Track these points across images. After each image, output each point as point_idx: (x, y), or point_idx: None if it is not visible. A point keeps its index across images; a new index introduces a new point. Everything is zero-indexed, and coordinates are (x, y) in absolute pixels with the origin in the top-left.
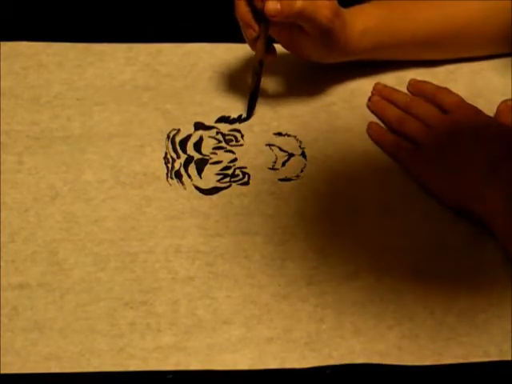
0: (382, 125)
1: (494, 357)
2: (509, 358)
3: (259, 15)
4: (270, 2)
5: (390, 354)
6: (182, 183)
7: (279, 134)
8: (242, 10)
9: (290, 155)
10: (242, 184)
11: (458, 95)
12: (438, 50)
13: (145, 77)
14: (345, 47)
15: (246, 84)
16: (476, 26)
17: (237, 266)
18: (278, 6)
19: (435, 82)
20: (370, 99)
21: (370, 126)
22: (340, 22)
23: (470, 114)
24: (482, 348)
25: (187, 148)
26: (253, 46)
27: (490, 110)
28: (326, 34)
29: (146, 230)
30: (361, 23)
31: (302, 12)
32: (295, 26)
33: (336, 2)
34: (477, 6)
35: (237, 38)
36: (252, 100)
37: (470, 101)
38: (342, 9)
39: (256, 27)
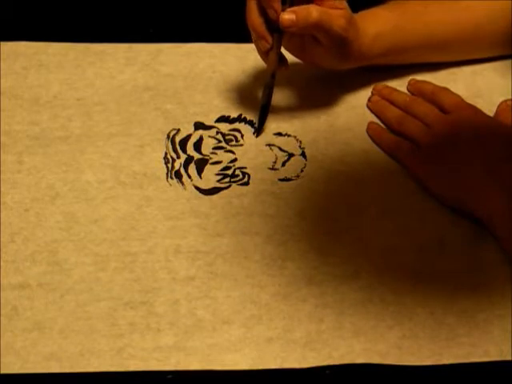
0: (382, 125)
1: (494, 357)
2: (509, 358)
3: (272, 26)
4: (285, 13)
5: (390, 353)
6: (182, 183)
7: (279, 134)
8: (255, 20)
9: (290, 155)
10: (241, 184)
11: (457, 95)
12: (449, 52)
13: (145, 77)
14: (358, 54)
15: (245, 84)
16: (482, 27)
17: (237, 265)
18: (294, 16)
19: (435, 82)
20: (369, 99)
21: (370, 126)
22: (354, 31)
23: (469, 114)
24: (481, 348)
25: (187, 148)
26: (265, 57)
27: (489, 110)
28: (341, 44)
29: (145, 230)
30: (373, 28)
31: (318, 23)
32: (308, 35)
33: (349, 10)
34: (481, 7)
35: (237, 38)
36: (263, 114)
37: (470, 101)
38: (354, 15)
39: (269, 39)
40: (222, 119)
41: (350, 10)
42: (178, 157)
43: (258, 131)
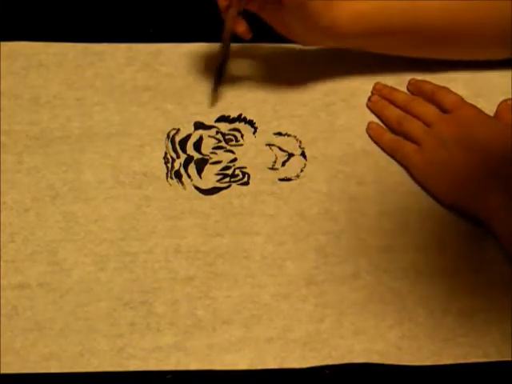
0: (382, 124)
1: (494, 357)
2: (508, 359)
3: None
4: None
5: (389, 353)
6: (182, 183)
7: (279, 133)
8: None
9: (290, 155)
10: (241, 184)
11: (457, 95)
12: (437, 46)
13: (145, 77)
14: (331, 28)
15: (246, 83)
16: (482, 25)
17: (237, 266)
18: None
19: (435, 82)
20: (369, 99)
21: (370, 126)
22: None
23: (469, 114)
24: (481, 348)
25: (187, 148)
26: (225, 14)
27: (490, 109)
28: (303, 8)
29: (145, 230)
30: (351, 5)
31: None
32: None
33: None
34: (486, 4)
35: (236, 37)
36: (219, 73)
37: (470, 100)
38: None
39: None
40: (222, 119)
41: None
42: (178, 157)
43: (215, 90)
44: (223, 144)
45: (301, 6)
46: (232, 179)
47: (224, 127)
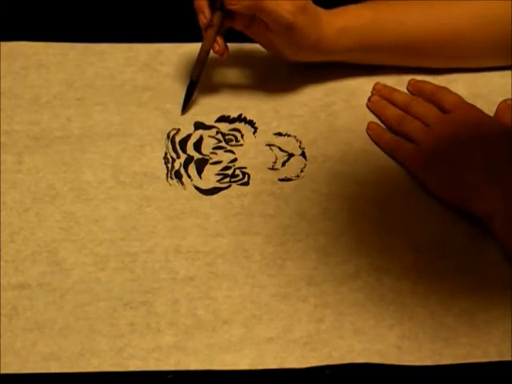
0: (382, 125)
1: (494, 357)
2: (508, 359)
3: (215, 3)
4: None
5: (389, 353)
6: (182, 183)
7: (279, 134)
8: None
9: (290, 155)
10: (241, 184)
11: (457, 95)
12: (425, 57)
13: (145, 77)
14: (318, 45)
15: (246, 83)
16: (469, 36)
17: (237, 266)
18: None
19: (435, 82)
20: (369, 99)
21: (370, 126)
22: (306, 18)
23: (469, 114)
24: (481, 348)
25: (187, 148)
26: (204, 33)
27: (489, 109)
28: (289, 29)
29: (145, 230)
30: (340, 22)
31: (262, 3)
32: (261, 20)
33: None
34: (470, 15)
35: (236, 37)
36: (191, 89)
37: (469, 101)
38: (318, 8)
39: (208, 14)
40: (222, 119)
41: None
42: (178, 157)
43: (184, 107)
44: (223, 144)
45: (288, 28)
46: (232, 179)
47: (224, 127)
